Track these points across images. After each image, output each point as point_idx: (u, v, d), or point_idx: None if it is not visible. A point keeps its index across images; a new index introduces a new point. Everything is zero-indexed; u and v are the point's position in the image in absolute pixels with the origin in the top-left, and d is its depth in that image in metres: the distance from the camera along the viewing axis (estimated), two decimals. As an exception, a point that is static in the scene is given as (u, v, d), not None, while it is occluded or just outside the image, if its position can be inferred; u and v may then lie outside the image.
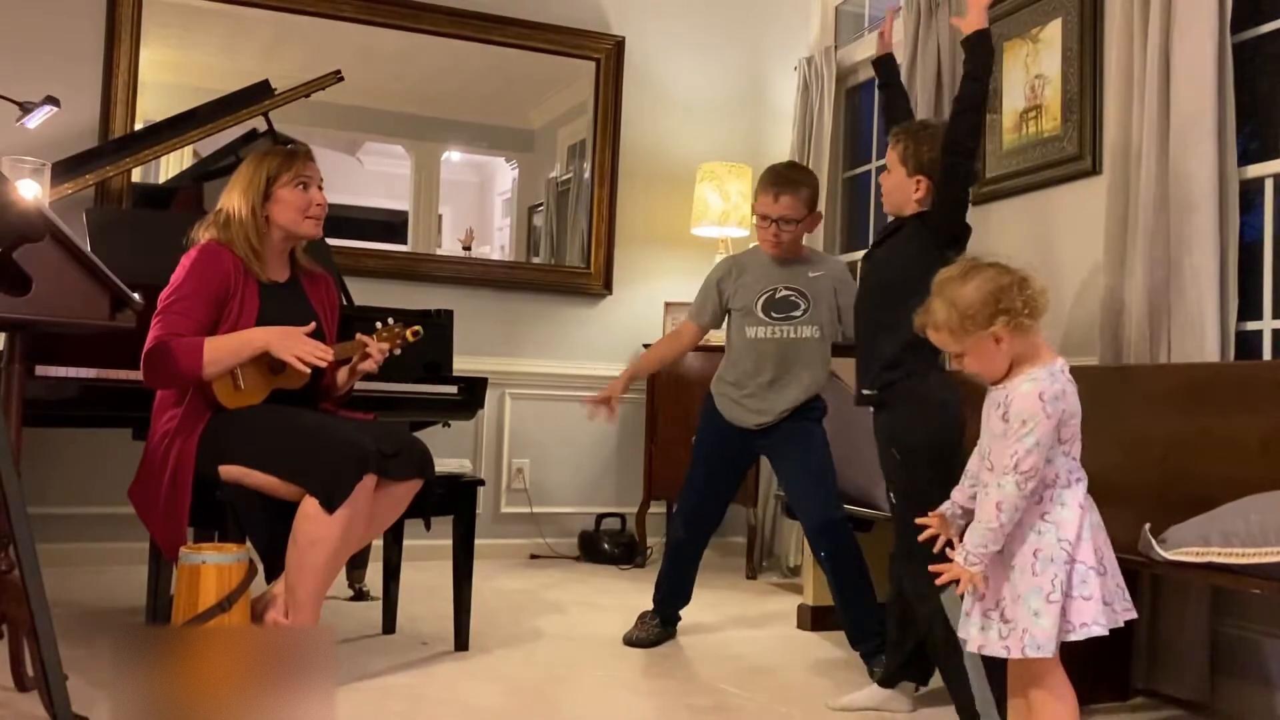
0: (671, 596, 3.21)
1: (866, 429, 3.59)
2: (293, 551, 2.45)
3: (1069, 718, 1.93)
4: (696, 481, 3.16)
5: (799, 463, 3.04)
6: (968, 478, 2.11)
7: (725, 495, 3.21)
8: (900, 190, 2.56)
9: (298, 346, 2.54)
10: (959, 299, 1.95)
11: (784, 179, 3.01)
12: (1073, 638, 1.87)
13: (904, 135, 2.56)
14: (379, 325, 2.79)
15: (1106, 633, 1.89)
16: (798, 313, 3.04)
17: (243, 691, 0.96)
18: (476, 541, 3.00)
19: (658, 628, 3.17)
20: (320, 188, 2.74)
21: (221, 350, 2.52)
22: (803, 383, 3.04)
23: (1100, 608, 1.88)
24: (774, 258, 3.08)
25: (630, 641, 3.12)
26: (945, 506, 2.12)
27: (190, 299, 2.54)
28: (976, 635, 1.95)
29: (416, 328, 2.81)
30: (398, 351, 2.79)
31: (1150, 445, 2.69)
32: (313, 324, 2.63)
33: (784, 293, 3.05)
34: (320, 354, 2.55)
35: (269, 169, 2.68)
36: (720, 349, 3.27)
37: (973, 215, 3.77)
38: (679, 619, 3.24)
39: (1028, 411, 1.89)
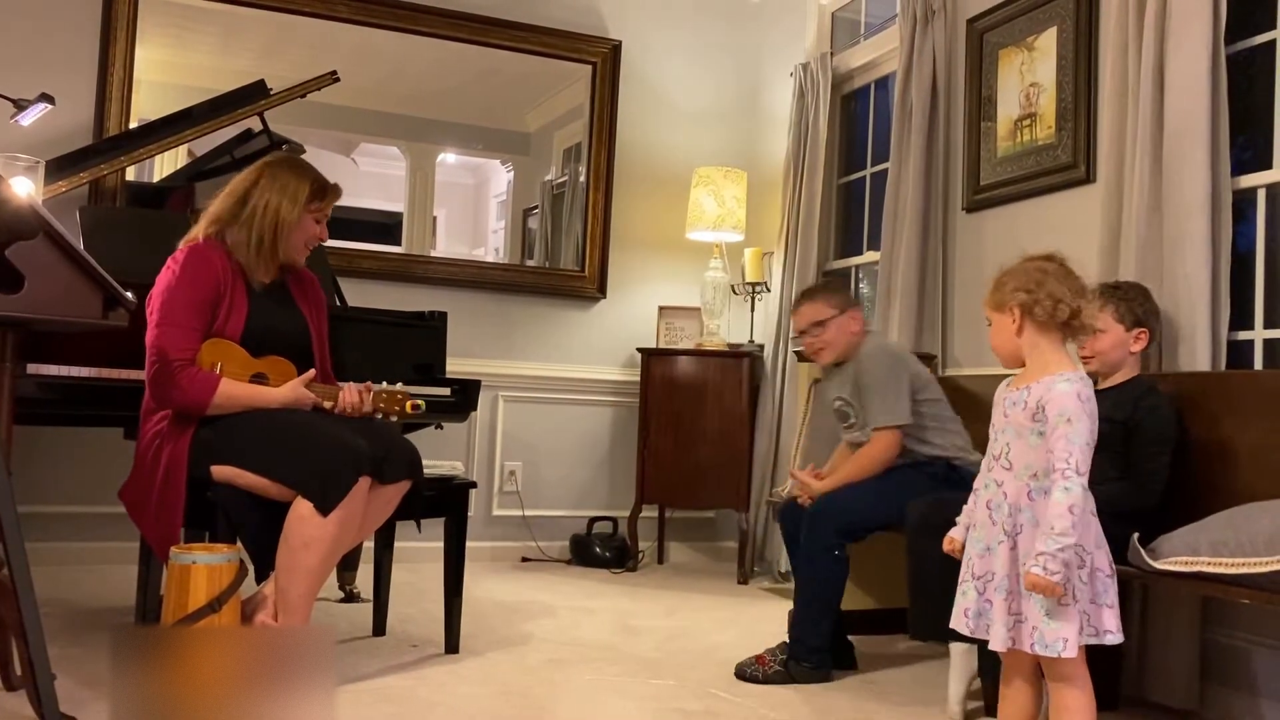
0: None
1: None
2: (284, 553, 2.45)
3: (1090, 716, 1.95)
4: None
5: None
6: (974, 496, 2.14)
7: None
8: (1120, 347, 2.64)
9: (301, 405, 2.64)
10: (1001, 272, 2.07)
11: (800, 297, 3.20)
12: (1094, 642, 1.92)
13: (1113, 295, 2.66)
14: (382, 385, 2.72)
15: (1122, 639, 1.94)
16: (849, 421, 3.14)
17: (242, 692, 0.96)
18: (468, 544, 2.99)
19: None
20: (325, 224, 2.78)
21: (233, 401, 2.53)
22: None
23: (1118, 616, 1.93)
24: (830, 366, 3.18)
25: None
26: (958, 532, 2.14)
27: (186, 308, 2.53)
28: (1003, 635, 1.94)
29: (419, 402, 2.72)
30: (393, 418, 2.71)
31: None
32: (313, 371, 2.66)
33: (836, 404, 3.17)
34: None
35: (311, 188, 2.69)
36: (725, 353, 3.20)
37: (966, 222, 3.82)
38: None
39: (1071, 410, 1.92)
